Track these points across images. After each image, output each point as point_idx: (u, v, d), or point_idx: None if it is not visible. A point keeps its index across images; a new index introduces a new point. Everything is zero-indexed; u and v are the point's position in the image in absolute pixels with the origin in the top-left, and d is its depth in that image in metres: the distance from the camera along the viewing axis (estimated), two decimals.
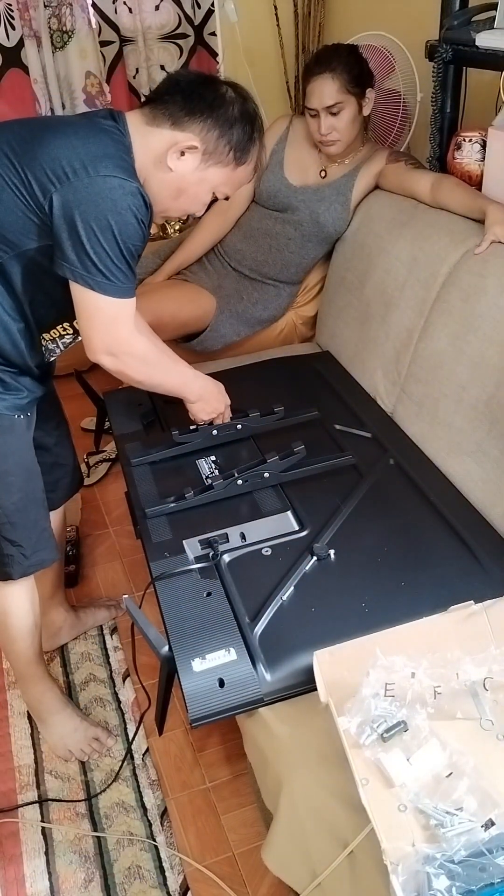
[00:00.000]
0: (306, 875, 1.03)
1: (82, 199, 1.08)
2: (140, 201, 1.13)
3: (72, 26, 2.22)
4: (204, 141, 1.18)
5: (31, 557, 1.35)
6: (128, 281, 1.17)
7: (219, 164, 1.21)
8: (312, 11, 2.36)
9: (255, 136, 1.23)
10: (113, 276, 1.13)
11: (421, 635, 1.09)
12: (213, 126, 1.18)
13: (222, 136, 1.19)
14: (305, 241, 1.96)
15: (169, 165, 1.18)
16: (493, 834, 0.84)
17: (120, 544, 2.07)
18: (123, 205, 1.10)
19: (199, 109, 1.17)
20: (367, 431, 1.62)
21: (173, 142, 1.17)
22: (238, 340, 2.07)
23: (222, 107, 1.18)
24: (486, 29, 1.51)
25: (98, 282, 1.13)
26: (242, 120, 1.20)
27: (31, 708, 1.57)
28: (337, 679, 1.03)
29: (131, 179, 1.11)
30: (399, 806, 0.89)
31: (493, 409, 1.39)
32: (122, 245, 1.12)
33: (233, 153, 1.21)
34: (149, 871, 1.36)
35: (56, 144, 1.10)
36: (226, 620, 1.17)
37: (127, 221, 1.11)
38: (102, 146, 1.12)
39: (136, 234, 1.14)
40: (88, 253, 1.10)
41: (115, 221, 1.09)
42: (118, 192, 1.09)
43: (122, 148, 1.15)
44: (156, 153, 1.18)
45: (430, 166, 1.81)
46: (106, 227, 1.09)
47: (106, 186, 1.09)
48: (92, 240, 1.09)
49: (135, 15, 2.30)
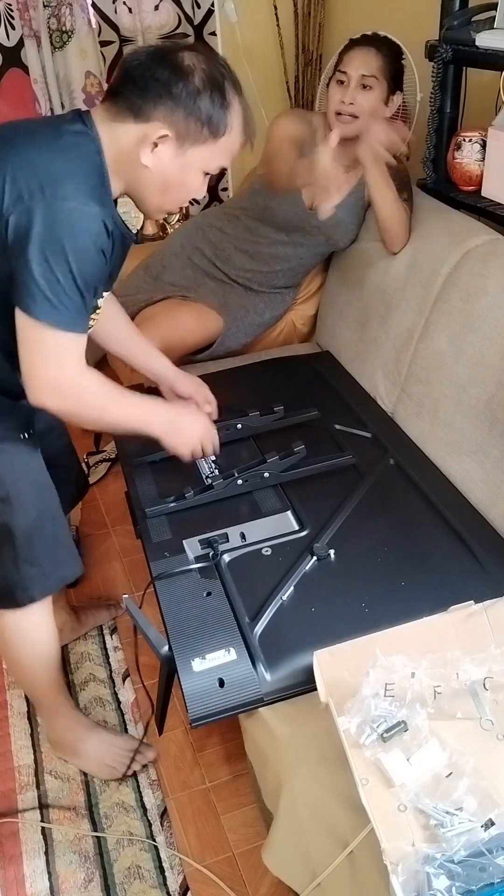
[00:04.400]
0: (306, 875, 1.03)
1: (36, 222, 0.99)
2: (99, 228, 1.04)
3: (71, 26, 2.22)
4: (172, 125, 1.07)
5: (53, 575, 1.30)
6: (78, 313, 1.06)
7: (197, 144, 1.09)
8: (312, 11, 2.36)
9: (229, 98, 1.09)
10: (61, 305, 1.03)
11: (421, 635, 1.09)
12: (175, 106, 1.06)
13: (189, 113, 1.06)
14: (315, 254, 1.96)
15: (144, 163, 1.08)
16: (493, 834, 0.84)
17: (120, 544, 2.07)
18: (80, 229, 1.01)
19: (155, 92, 1.05)
20: (367, 431, 1.62)
21: (141, 135, 1.07)
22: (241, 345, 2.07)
23: (181, 80, 1.05)
24: (486, 29, 1.51)
25: (43, 309, 1.03)
26: (208, 87, 1.06)
27: (57, 740, 1.51)
28: (337, 679, 1.03)
29: (92, 203, 1.03)
30: (399, 806, 0.89)
31: (493, 409, 1.39)
32: (76, 272, 1.02)
33: (207, 128, 1.08)
34: (149, 871, 1.36)
35: (15, 163, 1.02)
36: (226, 620, 1.17)
37: (83, 247, 1.02)
38: (63, 164, 1.03)
39: (93, 264, 1.05)
40: (35, 277, 1.01)
41: (70, 247, 1.00)
42: (75, 215, 1.01)
43: (87, 163, 1.06)
44: (128, 151, 1.09)
45: (426, 167, 1.81)
46: (58, 251, 1.00)
47: (63, 209, 1.00)
48: (42, 265, 1.00)
49: (135, 15, 2.30)
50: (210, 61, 1.08)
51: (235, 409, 1.58)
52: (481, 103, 1.71)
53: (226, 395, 1.59)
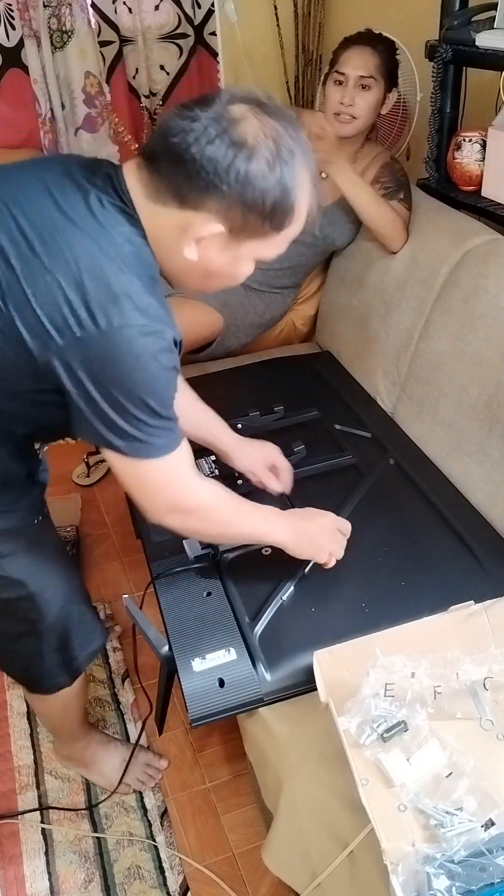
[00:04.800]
0: (306, 875, 1.03)
1: (95, 361, 0.83)
2: (169, 346, 0.88)
3: (71, 26, 2.21)
4: (226, 219, 0.86)
5: (80, 655, 1.24)
6: (171, 431, 0.94)
7: (255, 237, 0.89)
8: (312, 11, 2.36)
9: (299, 178, 0.87)
10: (149, 437, 0.91)
11: (421, 635, 1.09)
12: (236, 200, 0.84)
13: (251, 208, 0.85)
14: (315, 253, 1.96)
15: (185, 255, 0.89)
16: (493, 834, 0.84)
17: (120, 544, 2.07)
18: (149, 360, 0.85)
19: (208, 180, 0.83)
20: (367, 431, 1.62)
21: (184, 225, 0.87)
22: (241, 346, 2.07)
23: (242, 163, 0.82)
24: (486, 29, 1.51)
25: (136, 448, 0.91)
26: (277, 168, 0.84)
27: (70, 758, 1.49)
28: (337, 679, 1.03)
29: (156, 321, 0.86)
30: (399, 806, 0.89)
31: (494, 409, 1.39)
32: (155, 403, 0.89)
33: (269, 222, 0.88)
34: (149, 871, 1.35)
35: (51, 280, 0.82)
36: (226, 620, 1.17)
37: (154, 377, 0.87)
38: (114, 273, 0.83)
39: (168, 386, 0.91)
40: (115, 422, 0.88)
41: (142, 384, 0.86)
42: (140, 344, 0.84)
43: (136, 258, 0.87)
44: (166, 238, 0.90)
45: (427, 167, 1.81)
46: (130, 392, 0.86)
47: (124, 341, 0.83)
48: (117, 408, 0.87)
49: (134, 15, 2.29)
50: (278, 125, 0.85)
51: (235, 409, 1.58)
52: (481, 103, 1.71)
53: (226, 395, 1.59)
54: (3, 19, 2.21)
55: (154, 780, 1.48)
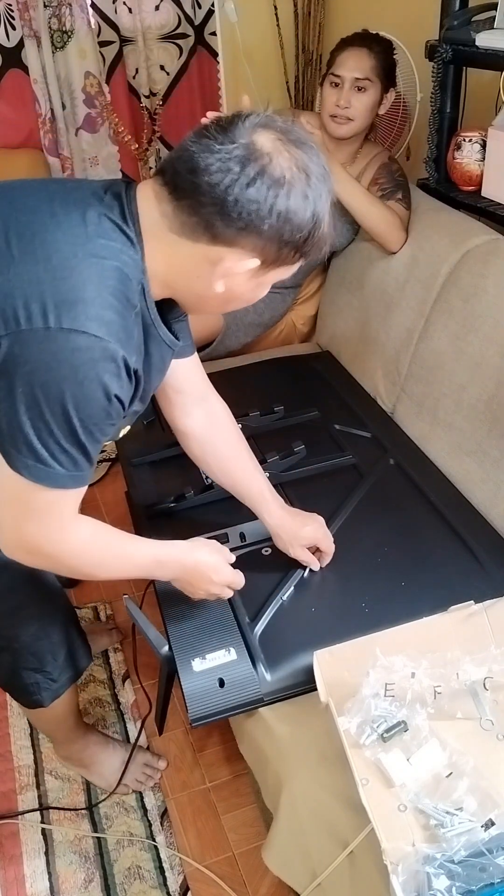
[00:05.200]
0: (306, 875, 1.03)
1: (30, 358, 0.77)
2: (118, 369, 0.81)
3: (71, 26, 2.21)
4: (261, 254, 0.84)
5: (60, 678, 1.23)
6: (76, 468, 0.84)
7: (282, 266, 0.88)
8: (312, 11, 2.36)
9: (325, 207, 0.86)
10: (54, 462, 0.82)
11: (421, 635, 1.09)
12: (273, 236, 0.83)
13: (287, 243, 0.84)
14: None
15: (215, 288, 0.87)
16: (493, 834, 0.84)
17: None
18: (90, 374, 0.79)
19: (252, 221, 0.81)
20: (367, 431, 1.62)
21: (215, 259, 0.84)
22: (241, 345, 2.07)
23: (286, 202, 0.81)
24: (486, 29, 1.51)
25: (28, 465, 0.81)
26: (310, 204, 0.83)
27: (69, 759, 1.49)
28: (337, 679, 1.03)
29: (109, 337, 0.79)
30: (399, 806, 0.89)
31: (493, 409, 1.39)
32: (79, 424, 0.80)
33: (299, 252, 0.87)
34: (149, 871, 1.35)
35: (17, 276, 0.79)
36: (226, 620, 1.17)
37: (89, 396, 0.80)
38: (82, 279, 0.79)
39: (102, 413, 0.82)
40: (24, 426, 0.79)
41: (72, 394, 0.78)
42: (84, 355, 0.78)
43: (114, 279, 0.82)
44: (191, 273, 0.87)
45: (426, 167, 1.81)
46: (56, 399, 0.78)
47: (67, 346, 0.77)
48: (33, 411, 0.78)
49: (135, 15, 2.29)
50: (302, 154, 0.83)
51: (236, 409, 1.58)
52: (481, 103, 1.71)
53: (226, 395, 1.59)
54: (3, 19, 2.21)
55: (153, 781, 1.48)
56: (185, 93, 2.46)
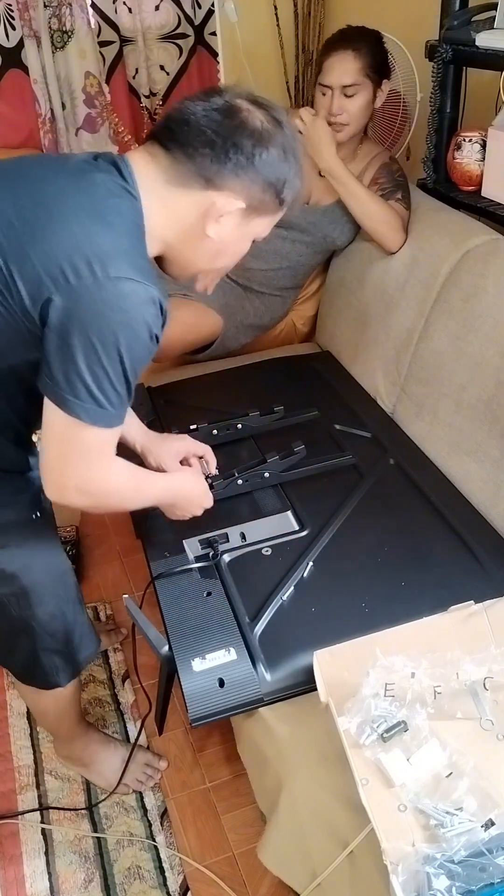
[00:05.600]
0: (306, 875, 1.03)
1: (85, 306, 0.84)
2: (158, 311, 0.90)
3: (71, 26, 2.21)
4: (247, 197, 0.96)
5: (77, 657, 1.26)
6: (122, 406, 0.93)
7: (264, 214, 1.00)
8: (312, 11, 2.36)
9: (300, 161, 0.99)
10: (107, 402, 0.90)
11: (421, 635, 1.09)
12: (255, 177, 0.94)
13: (269, 185, 0.96)
14: (315, 253, 1.95)
15: (208, 234, 0.97)
16: (493, 834, 0.84)
17: (120, 544, 2.07)
18: (138, 317, 0.87)
19: (236, 162, 0.92)
20: (367, 431, 1.62)
21: (208, 204, 0.94)
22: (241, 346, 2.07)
23: (264, 148, 0.93)
24: (486, 29, 1.51)
25: (87, 409, 0.89)
26: (289, 154, 0.96)
27: (70, 758, 1.49)
28: (337, 679, 1.03)
29: (148, 282, 0.88)
30: (399, 806, 0.89)
31: (493, 409, 1.39)
32: (128, 365, 0.89)
33: (278, 199, 0.99)
34: (149, 871, 1.36)
35: (54, 238, 0.86)
36: (226, 620, 1.17)
37: (139, 338, 0.88)
38: (114, 236, 0.88)
39: (146, 353, 0.92)
40: (82, 374, 0.87)
41: (125, 337, 0.86)
42: (132, 300, 0.86)
43: (135, 232, 0.92)
44: (186, 221, 0.96)
45: (424, 167, 1.81)
46: (111, 343, 0.86)
47: (117, 293, 0.85)
48: (91, 358, 0.86)
49: (135, 15, 2.29)
50: (277, 117, 0.96)
51: (235, 409, 1.58)
52: (481, 103, 1.71)
53: (226, 395, 1.60)
54: (3, 19, 2.21)
55: (153, 781, 1.48)
56: (185, 93, 2.45)
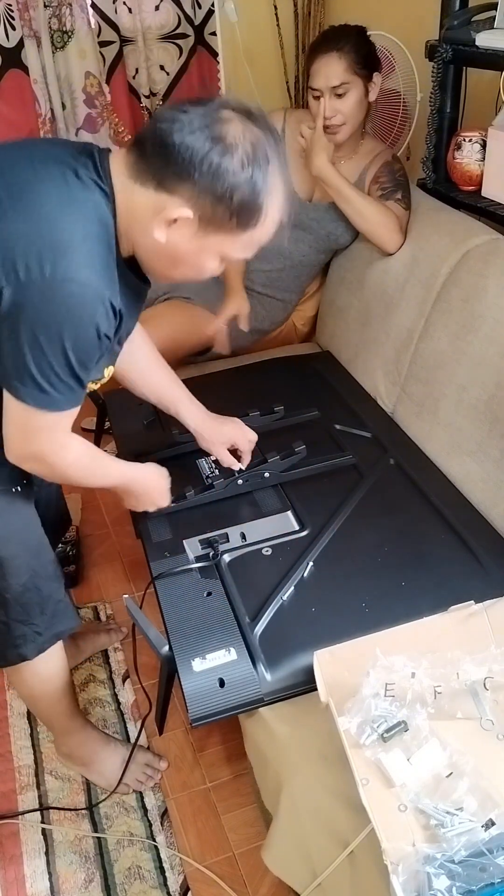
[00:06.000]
0: (307, 875, 1.03)
1: (32, 303, 0.88)
2: (106, 310, 0.92)
3: (71, 26, 2.21)
4: (196, 207, 0.92)
5: (46, 633, 1.25)
6: (72, 393, 0.97)
7: (221, 231, 0.95)
8: (312, 11, 2.36)
9: (270, 184, 0.93)
10: (53, 390, 0.94)
11: (421, 635, 1.09)
12: (206, 189, 0.90)
13: (219, 200, 0.91)
14: (318, 252, 1.95)
15: (155, 236, 0.95)
16: (494, 834, 0.84)
17: (120, 544, 2.07)
18: (84, 317, 0.90)
19: (183, 165, 0.89)
20: (367, 431, 1.62)
21: (158, 207, 0.93)
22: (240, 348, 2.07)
23: (218, 156, 0.89)
24: (486, 29, 1.51)
25: (31, 394, 0.94)
26: (249, 169, 0.90)
27: (70, 756, 1.49)
28: (337, 679, 1.03)
29: (98, 282, 0.90)
30: (399, 806, 0.89)
31: (494, 409, 1.39)
32: (74, 359, 0.92)
33: (236, 218, 0.93)
34: (149, 871, 1.36)
35: (12, 229, 0.88)
36: (226, 620, 1.17)
37: (84, 336, 0.91)
38: (70, 226, 0.90)
39: (94, 348, 0.95)
40: (28, 363, 0.91)
41: (69, 335, 0.90)
42: (78, 300, 0.89)
43: (96, 225, 0.93)
44: (140, 218, 0.95)
45: (423, 167, 1.81)
46: (55, 338, 0.89)
47: (64, 293, 0.88)
48: (35, 351, 0.90)
49: (135, 15, 2.29)
50: (260, 134, 0.92)
51: (235, 409, 1.58)
52: (481, 103, 1.71)
53: (226, 395, 1.60)
54: (3, 19, 2.21)
55: (154, 781, 1.48)
56: (185, 93, 2.45)
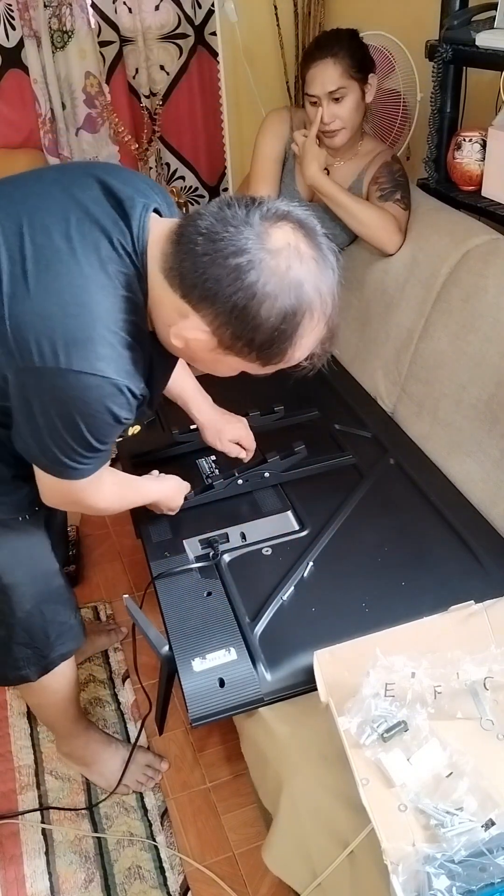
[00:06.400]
0: (307, 875, 1.03)
1: (44, 390, 0.86)
2: (126, 399, 0.90)
3: (71, 26, 2.21)
4: (215, 332, 0.85)
5: (50, 655, 1.25)
6: (97, 460, 0.97)
7: (241, 357, 0.88)
8: (312, 11, 2.36)
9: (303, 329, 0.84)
10: (77, 463, 0.94)
11: (421, 635, 1.09)
12: (227, 321, 0.83)
13: (238, 337, 0.84)
14: None
15: (172, 341, 0.90)
16: (494, 834, 0.84)
17: (120, 544, 2.07)
18: (98, 407, 0.88)
19: (210, 291, 0.81)
20: (367, 431, 1.62)
21: (182, 313, 0.86)
22: None
23: (246, 302, 0.80)
24: (486, 29, 1.51)
25: (60, 471, 0.96)
26: (279, 320, 0.82)
27: (71, 756, 1.50)
28: (337, 679, 1.03)
29: (117, 373, 0.86)
30: (399, 806, 0.89)
31: (494, 409, 1.39)
32: (93, 440, 0.91)
33: (255, 353, 0.86)
34: (149, 871, 1.36)
35: (30, 307, 0.84)
36: (226, 620, 1.17)
37: (100, 422, 0.89)
38: (89, 320, 0.84)
39: (112, 431, 0.93)
40: (48, 444, 0.91)
41: (85, 422, 0.88)
42: (94, 392, 0.86)
43: (121, 307, 0.87)
44: (163, 313, 0.90)
45: (425, 167, 1.81)
46: (73, 427, 0.88)
47: (79, 385, 0.85)
48: (55, 436, 0.89)
49: (135, 15, 2.29)
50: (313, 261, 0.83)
51: (236, 409, 1.58)
52: (481, 103, 1.70)
53: (226, 394, 1.59)
54: (3, 19, 2.21)
55: (154, 782, 1.48)
56: (185, 93, 2.46)
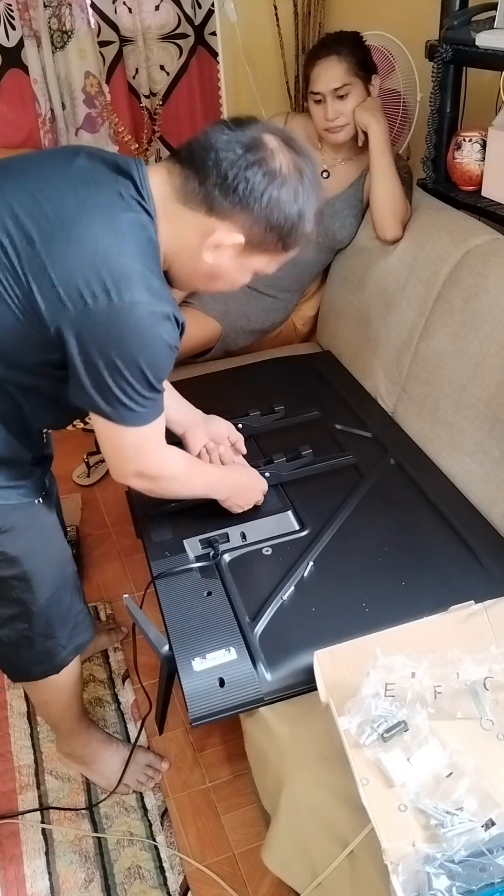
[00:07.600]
0: (306, 875, 1.03)
1: (103, 332, 0.91)
2: (172, 326, 0.97)
3: (71, 26, 2.21)
4: (249, 234, 0.98)
5: (69, 645, 1.26)
6: (155, 404, 1.02)
7: (265, 253, 1.02)
8: (312, 11, 2.36)
9: (310, 211, 1.00)
10: (139, 407, 0.99)
11: (421, 635, 1.09)
12: (260, 217, 0.96)
13: (272, 228, 0.98)
14: (319, 251, 1.95)
15: (204, 259, 1.00)
16: (494, 834, 0.84)
17: (120, 544, 2.07)
18: (154, 336, 0.94)
19: (242, 196, 0.94)
20: (367, 431, 1.62)
21: (209, 231, 0.97)
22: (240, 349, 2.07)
23: (275, 190, 0.95)
24: (486, 29, 1.51)
25: (123, 415, 0.99)
26: (300, 200, 0.98)
27: (71, 755, 1.49)
28: (337, 679, 1.03)
29: (161, 300, 0.94)
30: (399, 806, 0.89)
31: (494, 409, 1.39)
32: (152, 376, 0.96)
33: (282, 242, 1.01)
34: (149, 871, 1.36)
35: (71, 255, 0.90)
36: (226, 620, 1.17)
37: (158, 353, 0.95)
38: (130, 257, 0.92)
39: (167, 363, 0.99)
40: (112, 389, 0.95)
41: (145, 356, 0.94)
42: (147, 321, 0.92)
43: (149, 249, 0.96)
44: (186, 241, 0.99)
45: (424, 167, 1.81)
46: (132, 363, 0.93)
47: (133, 317, 0.91)
48: (115, 376, 0.94)
49: (134, 15, 2.29)
50: (301, 161, 0.98)
51: (236, 409, 1.58)
52: (481, 103, 1.71)
53: (226, 395, 1.60)
54: (3, 19, 2.21)
55: (154, 782, 1.48)
56: (185, 93, 2.45)
